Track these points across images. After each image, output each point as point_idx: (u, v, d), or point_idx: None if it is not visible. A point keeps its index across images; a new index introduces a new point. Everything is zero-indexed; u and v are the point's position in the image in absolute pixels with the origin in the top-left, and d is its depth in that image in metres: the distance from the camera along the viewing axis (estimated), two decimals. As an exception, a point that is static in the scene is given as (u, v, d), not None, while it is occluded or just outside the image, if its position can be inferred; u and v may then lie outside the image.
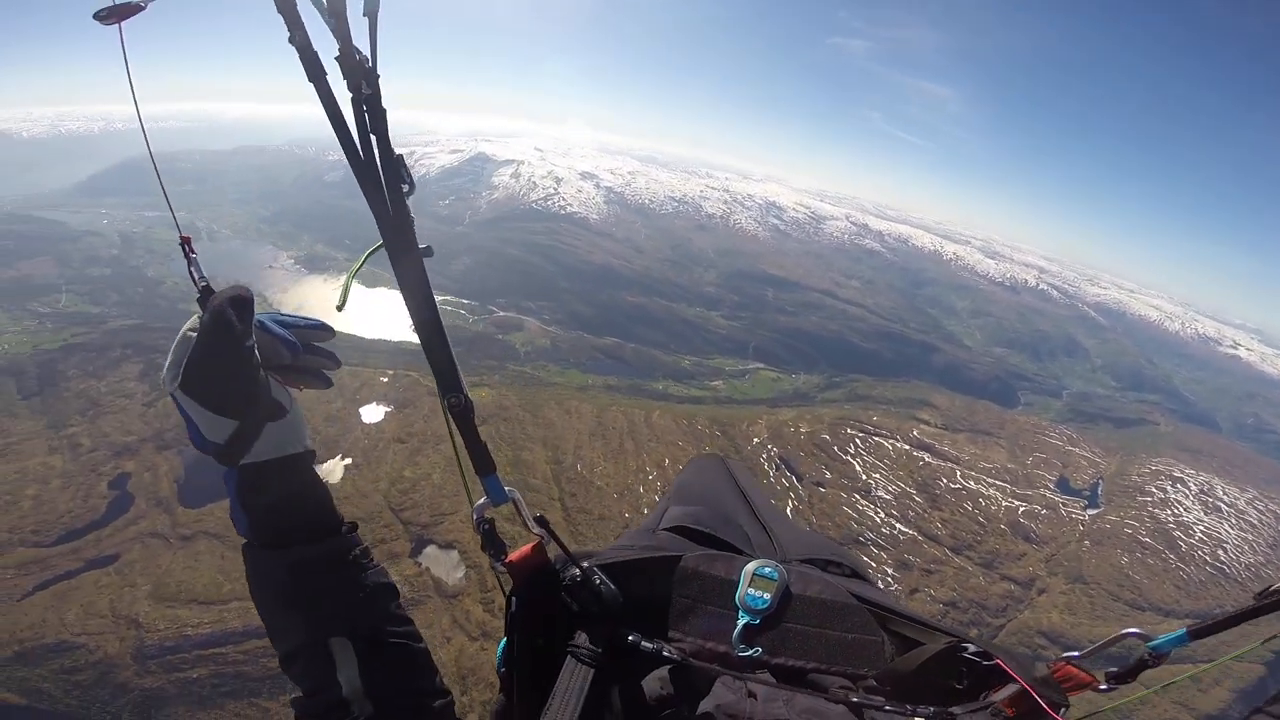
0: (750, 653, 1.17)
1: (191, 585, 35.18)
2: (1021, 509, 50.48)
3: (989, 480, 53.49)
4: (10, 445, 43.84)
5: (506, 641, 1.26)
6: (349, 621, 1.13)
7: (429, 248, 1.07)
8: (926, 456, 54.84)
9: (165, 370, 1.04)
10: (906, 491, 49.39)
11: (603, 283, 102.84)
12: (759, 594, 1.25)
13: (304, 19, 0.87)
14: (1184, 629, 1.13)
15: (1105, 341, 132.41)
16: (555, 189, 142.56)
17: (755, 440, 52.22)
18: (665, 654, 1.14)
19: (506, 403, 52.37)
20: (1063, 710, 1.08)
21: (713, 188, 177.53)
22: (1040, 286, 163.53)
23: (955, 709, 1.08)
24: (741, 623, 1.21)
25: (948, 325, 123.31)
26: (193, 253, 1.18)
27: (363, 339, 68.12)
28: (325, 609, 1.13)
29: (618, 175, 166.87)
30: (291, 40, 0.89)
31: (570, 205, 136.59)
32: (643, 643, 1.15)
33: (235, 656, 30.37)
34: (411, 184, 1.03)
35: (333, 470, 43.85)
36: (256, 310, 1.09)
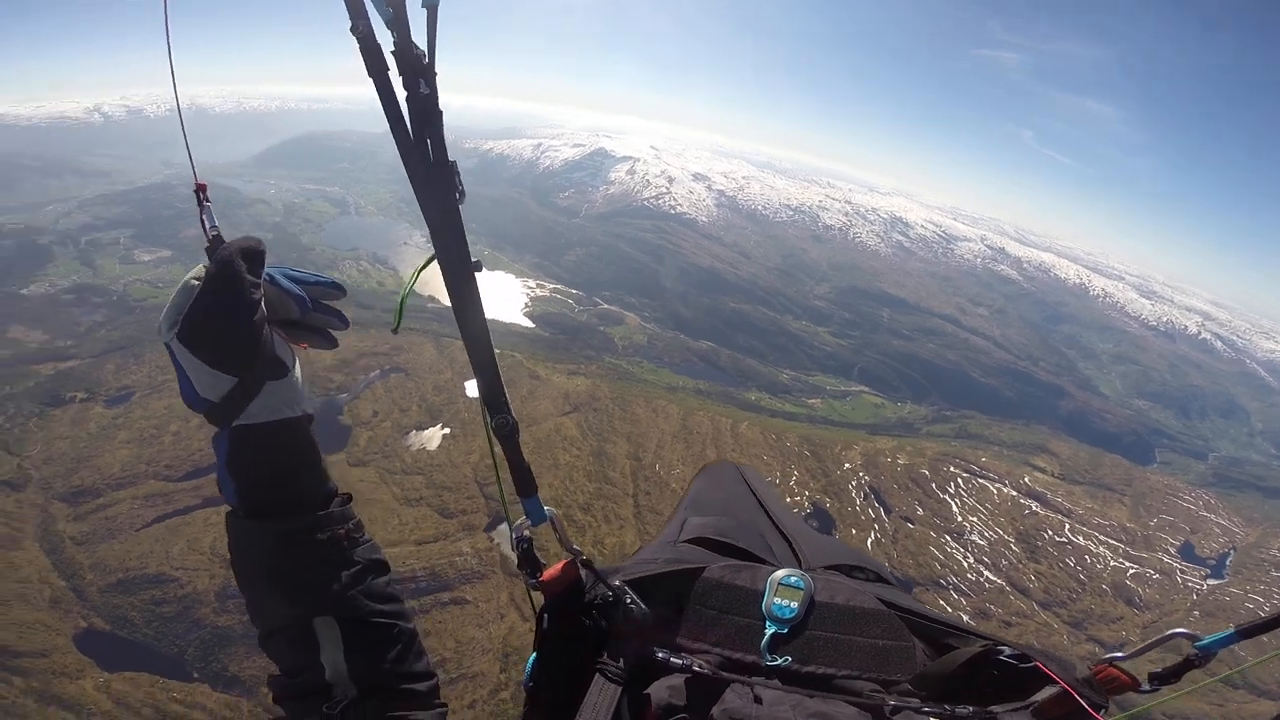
0: (779, 662, 1.18)
1: None
2: (1131, 571, 47.28)
3: (1101, 538, 50.25)
4: (165, 382, 51.25)
5: (536, 657, 1.28)
6: (335, 600, 1.10)
7: (479, 262, 1.06)
8: (1035, 506, 52.08)
9: (162, 318, 1.00)
10: (1003, 539, 47.49)
11: (706, 286, 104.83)
12: (786, 603, 1.26)
13: (368, 9, 0.85)
14: (1233, 628, 1.11)
15: (1272, 405, 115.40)
16: (667, 188, 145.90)
17: (846, 466, 51.95)
18: (697, 669, 1.14)
19: (599, 394, 55.20)
20: (1103, 711, 1.08)
21: (833, 198, 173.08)
22: (1202, 336, 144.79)
23: (996, 708, 1.09)
24: (769, 632, 1.22)
25: (1084, 369, 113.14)
26: (206, 201, 1.18)
27: (477, 317, 75.07)
28: (311, 586, 1.09)
29: (731, 179, 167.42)
30: (354, 30, 0.87)
31: (680, 205, 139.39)
32: (672, 659, 1.17)
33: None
34: (462, 192, 1.01)
35: (432, 438, 48.48)
36: (268, 264, 1.08)
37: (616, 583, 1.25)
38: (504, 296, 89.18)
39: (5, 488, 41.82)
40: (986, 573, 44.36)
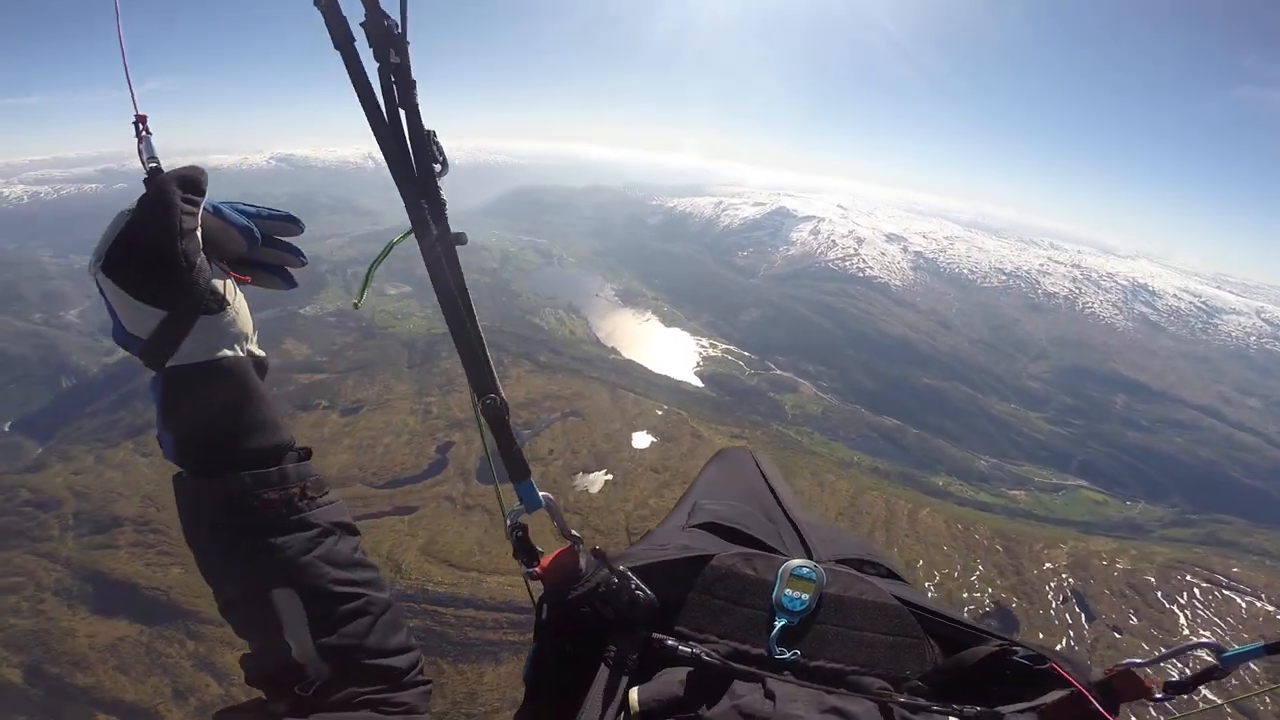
0: (788, 655, 1.18)
1: (452, 548, 42.05)
2: None
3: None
4: (389, 400, 61.24)
5: (536, 649, 1.29)
6: (291, 567, 0.98)
7: (462, 234, 1.06)
8: (1297, 624, 40.97)
9: (93, 250, 0.93)
10: (1242, 658, 37.32)
11: (895, 357, 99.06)
12: (797, 595, 1.26)
13: None
14: (1260, 643, 1.10)
15: None
16: (855, 249, 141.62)
17: (1047, 565, 45.42)
18: (705, 658, 1.10)
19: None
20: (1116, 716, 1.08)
21: (1057, 261, 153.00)
22: None
23: (1002, 709, 1.08)
24: (779, 625, 1.22)
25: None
26: (147, 132, 1.11)
27: (650, 371, 79.25)
28: (265, 552, 0.98)
29: (931, 239, 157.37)
30: (316, 3, 0.86)
31: (870, 268, 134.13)
32: (680, 648, 1.12)
33: (449, 618, 34.55)
34: (444, 163, 1.01)
35: (595, 481, 50.62)
36: (216, 198, 1.04)
37: (621, 569, 1.25)
38: (677, 353, 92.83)
39: None
40: (1207, 691, 34.97)
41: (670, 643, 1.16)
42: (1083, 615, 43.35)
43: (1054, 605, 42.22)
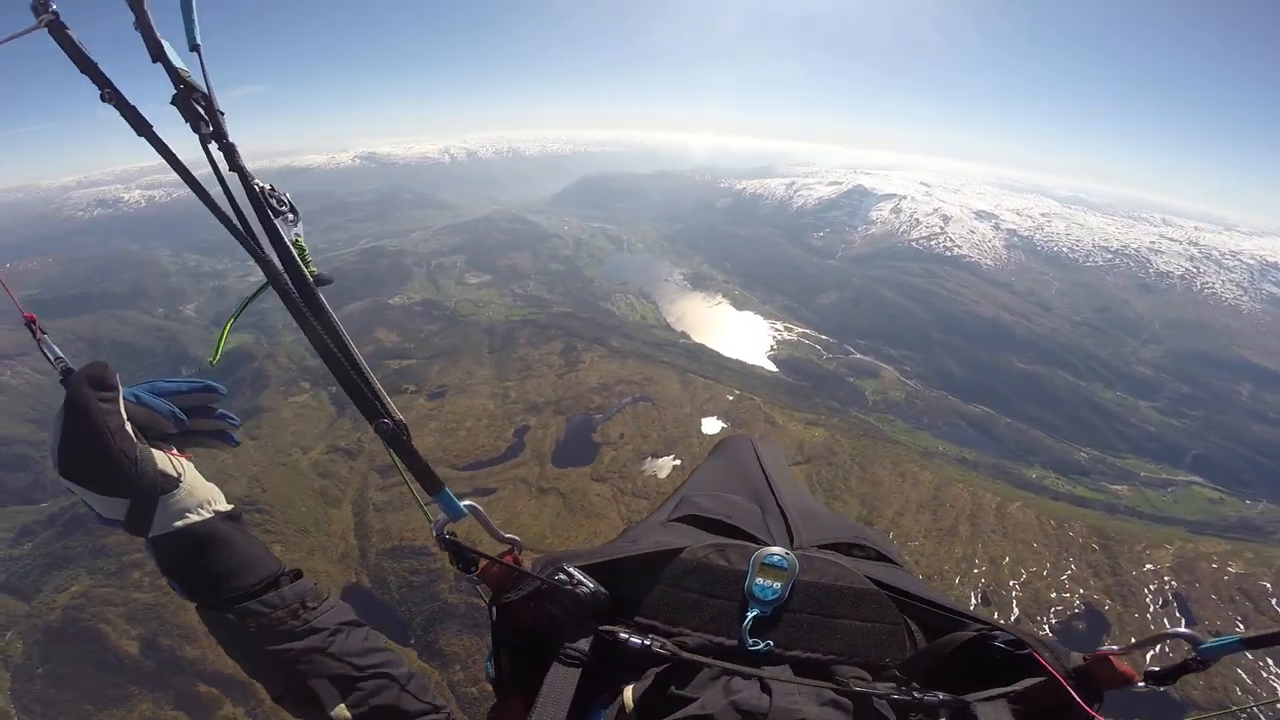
0: (761, 646, 1.16)
1: (526, 530, 43.01)
2: None
3: None
4: (470, 385, 64.27)
5: (492, 649, 1.35)
6: (319, 663, 1.22)
7: (325, 276, 1.12)
8: None
9: (50, 455, 1.11)
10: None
11: (987, 341, 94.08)
12: (768, 583, 1.25)
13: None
14: (1236, 636, 1.09)
15: None
16: (941, 228, 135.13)
17: (1148, 567, 42.62)
18: (656, 650, 1.15)
19: (837, 448, 53.65)
20: (1097, 706, 1.08)
21: (1170, 238, 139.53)
22: None
23: (969, 696, 1.07)
24: (751, 615, 1.21)
25: None
26: (42, 333, 1.21)
27: (721, 356, 79.27)
28: (290, 655, 1.21)
29: (1026, 216, 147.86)
30: (104, 98, 0.90)
31: (959, 247, 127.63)
32: (630, 640, 1.17)
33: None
34: (294, 209, 1.07)
35: (663, 466, 51.46)
36: (130, 384, 1.17)
37: (565, 567, 1.29)
38: (749, 337, 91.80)
39: (344, 455, 52.50)
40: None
41: (622, 635, 1.19)
42: (1183, 620, 40.68)
43: (1152, 609, 40.00)
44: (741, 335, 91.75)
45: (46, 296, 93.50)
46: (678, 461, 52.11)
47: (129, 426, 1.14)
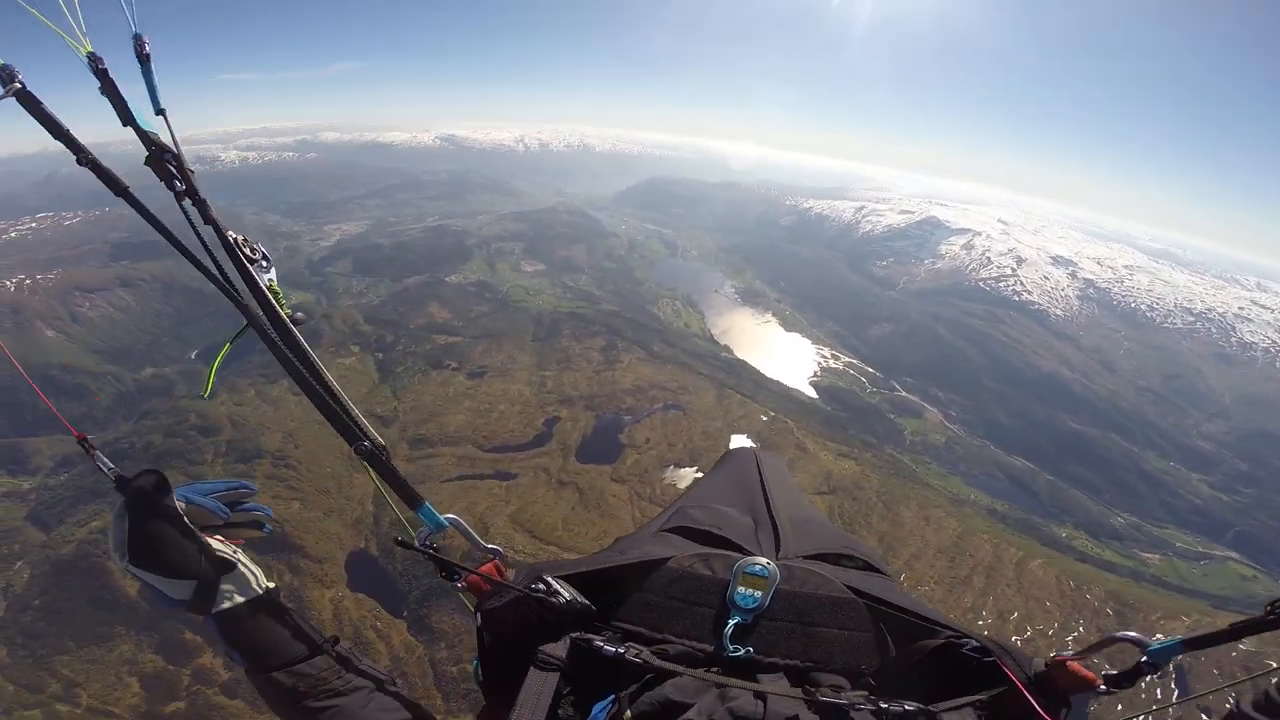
0: (740, 653, 1.21)
1: (539, 520, 44.38)
2: None
3: None
4: (510, 369, 66.25)
5: (477, 655, 1.44)
6: (364, 712, 1.41)
7: (300, 316, 1.21)
8: None
9: (113, 550, 1.26)
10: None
11: (1042, 394, 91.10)
12: (750, 592, 1.30)
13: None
14: (1179, 637, 1.15)
15: None
16: (1013, 270, 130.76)
17: (1157, 635, 39.85)
18: (629, 658, 1.19)
19: (865, 483, 53.29)
20: (1065, 712, 1.12)
21: (1262, 304, 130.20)
22: None
23: (936, 706, 1.11)
24: (733, 622, 1.26)
25: None
26: (94, 449, 1.43)
27: (762, 375, 79.22)
28: (331, 712, 1.39)
29: (1107, 267, 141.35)
30: (80, 161, 0.95)
31: (1029, 293, 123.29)
32: (604, 647, 1.22)
33: (516, 586, 39.38)
34: (267, 257, 1.16)
35: (685, 477, 51.86)
36: (176, 485, 1.35)
37: (545, 576, 1.37)
38: (793, 360, 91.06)
39: (378, 421, 51.95)
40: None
41: (597, 642, 1.26)
42: (1176, 692, 39.50)
43: (1148, 678, 38.47)
44: (786, 357, 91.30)
45: (135, 240, 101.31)
46: (700, 474, 52.96)
47: (186, 520, 1.33)
